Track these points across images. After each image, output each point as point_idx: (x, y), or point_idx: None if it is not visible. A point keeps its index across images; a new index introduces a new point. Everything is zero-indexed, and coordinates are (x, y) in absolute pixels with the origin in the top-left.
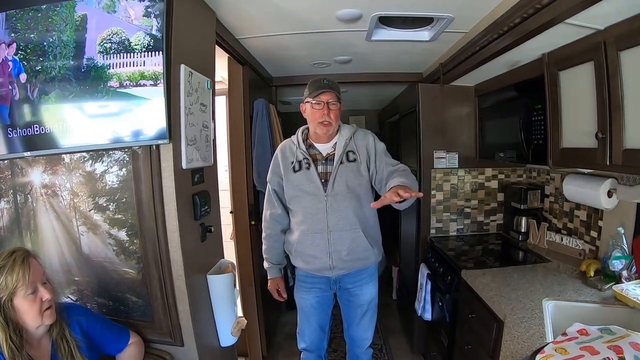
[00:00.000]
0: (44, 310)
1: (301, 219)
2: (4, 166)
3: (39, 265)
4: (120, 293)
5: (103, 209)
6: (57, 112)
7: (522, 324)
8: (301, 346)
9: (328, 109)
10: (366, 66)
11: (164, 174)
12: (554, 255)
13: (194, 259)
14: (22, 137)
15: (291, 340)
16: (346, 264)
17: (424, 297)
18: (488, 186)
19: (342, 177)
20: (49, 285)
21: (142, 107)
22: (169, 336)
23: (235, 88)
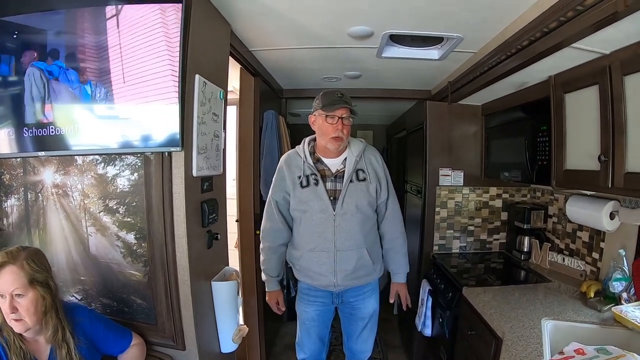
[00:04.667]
0: (11, 319)
1: (308, 236)
2: (17, 164)
3: (11, 277)
4: (125, 295)
5: (113, 211)
6: (73, 114)
7: (520, 342)
8: (300, 357)
9: (342, 124)
10: (376, 82)
11: (174, 181)
12: (555, 275)
13: (199, 265)
14: (37, 137)
15: (290, 351)
16: (350, 281)
17: (425, 312)
18: (492, 205)
19: (351, 197)
20: (25, 300)
21: (157, 115)
22: (172, 340)
23: (246, 99)
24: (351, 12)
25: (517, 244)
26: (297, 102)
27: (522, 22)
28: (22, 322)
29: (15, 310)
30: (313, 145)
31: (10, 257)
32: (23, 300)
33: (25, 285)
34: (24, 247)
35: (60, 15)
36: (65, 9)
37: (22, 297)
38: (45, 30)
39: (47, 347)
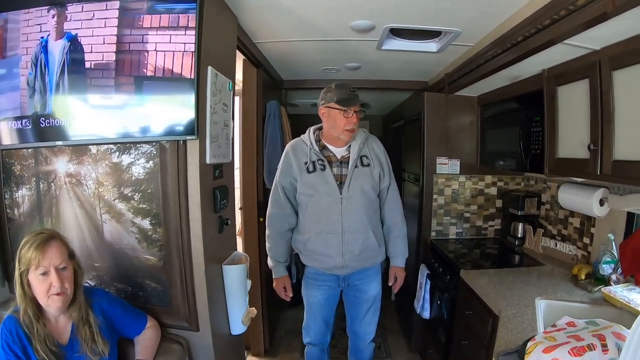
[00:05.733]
0: (51, 294)
1: (315, 219)
2: (28, 155)
3: (58, 251)
4: (139, 279)
5: (128, 198)
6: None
7: (515, 318)
8: (306, 340)
9: (356, 117)
10: (374, 73)
11: (189, 168)
12: (548, 259)
13: (211, 249)
14: (53, 127)
15: (291, 336)
16: (357, 262)
17: (423, 296)
18: (487, 192)
19: (357, 181)
20: (67, 273)
21: (174, 106)
22: (186, 321)
23: (249, 89)
24: (355, 6)
25: (512, 230)
26: (296, 92)
27: (517, 18)
28: (63, 295)
29: (62, 282)
30: (318, 133)
31: (51, 233)
32: (66, 272)
33: (66, 258)
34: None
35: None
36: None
37: (65, 270)
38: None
39: (68, 328)
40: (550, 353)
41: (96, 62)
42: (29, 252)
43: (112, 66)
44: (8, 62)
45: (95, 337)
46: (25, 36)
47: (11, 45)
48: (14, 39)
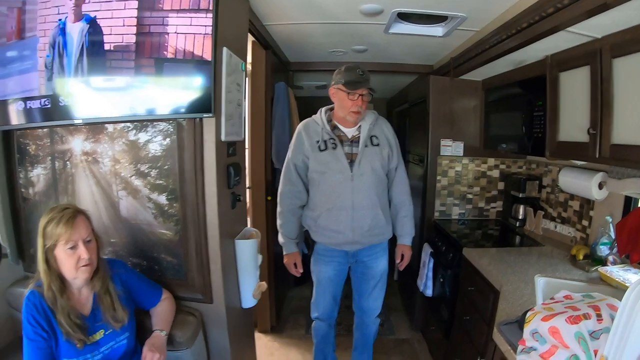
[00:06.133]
0: (80, 266)
1: (326, 196)
2: (43, 134)
3: (84, 225)
4: (155, 253)
5: (144, 175)
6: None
7: (516, 293)
8: (314, 315)
9: (362, 100)
10: (381, 56)
11: (205, 145)
12: (548, 241)
13: (225, 224)
14: (71, 107)
15: (297, 313)
16: (366, 238)
17: (427, 274)
18: (490, 175)
19: (367, 160)
20: (92, 245)
21: (192, 85)
22: (201, 293)
23: (258, 71)
24: None
25: (513, 212)
26: (303, 75)
27: (522, 5)
28: (90, 266)
29: (89, 255)
30: (330, 114)
31: (77, 208)
32: (91, 245)
33: (91, 232)
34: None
35: None
36: None
37: (90, 243)
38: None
39: (90, 298)
40: (549, 321)
41: (116, 44)
42: (57, 228)
43: (132, 48)
44: (26, 44)
45: (116, 306)
46: (42, 18)
47: (29, 27)
48: (32, 20)
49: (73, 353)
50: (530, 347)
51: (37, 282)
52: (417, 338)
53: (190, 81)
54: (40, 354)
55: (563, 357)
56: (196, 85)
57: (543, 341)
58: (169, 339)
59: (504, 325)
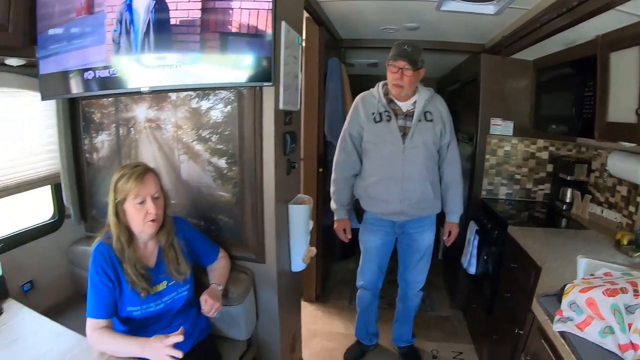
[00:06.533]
0: (147, 220)
1: (378, 166)
2: (108, 103)
3: (153, 182)
4: (213, 214)
5: (205, 140)
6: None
7: (557, 270)
8: (359, 283)
9: (402, 74)
10: (432, 34)
11: (264, 113)
12: (593, 225)
13: (280, 189)
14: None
15: (342, 285)
16: (414, 210)
17: (471, 251)
18: (539, 156)
19: (419, 134)
20: (160, 201)
21: (253, 56)
22: (254, 253)
23: (311, 46)
24: None
25: (560, 195)
26: (355, 52)
27: None
28: (156, 221)
29: (156, 210)
30: (386, 88)
31: (147, 166)
32: (158, 201)
33: (159, 189)
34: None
35: None
36: None
37: (158, 200)
38: None
39: (155, 252)
40: (586, 293)
41: (182, 19)
42: (128, 184)
43: (198, 23)
44: (94, 18)
45: (179, 260)
46: None
47: (97, 3)
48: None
49: (137, 301)
50: (567, 317)
51: (106, 235)
52: (457, 316)
53: (252, 53)
54: (103, 302)
55: (598, 327)
56: (257, 57)
57: (580, 312)
58: (222, 294)
59: (543, 297)
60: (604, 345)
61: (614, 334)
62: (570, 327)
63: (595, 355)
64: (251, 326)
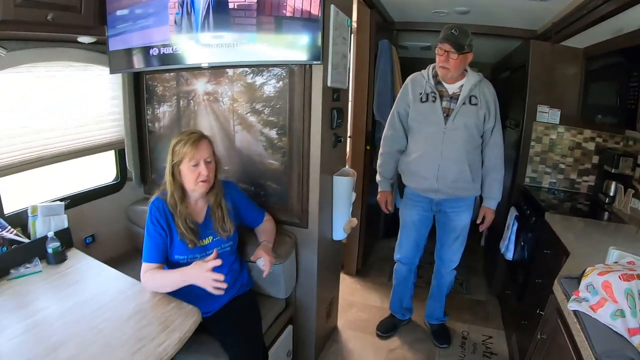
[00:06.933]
0: (199, 181)
1: (420, 144)
2: (170, 77)
3: (207, 148)
4: (262, 181)
5: (258, 112)
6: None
7: (586, 257)
8: (396, 257)
9: (447, 57)
10: (483, 18)
11: (313, 89)
12: (634, 221)
13: (325, 161)
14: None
15: (382, 262)
16: (449, 189)
17: (509, 237)
18: (585, 147)
19: (462, 116)
20: (212, 165)
21: (304, 36)
22: (298, 219)
23: (363, 28)
24: None
25: (604, 188)
26: (407, 35)
27: None
28: (207, 182)
29: (207, 173)
30: (435, 70)
31: (202, 133)
32: (210, 165)
33: (212, 154)
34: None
35: None
36: None
37: (210, 164)
38: None
39: (204, 209)
40: (603, 276)
41: (239, 3)
42: (185, 148)
43: (254, 7)
44: (159, 2)
45: (225, 219)
46: None
47: None
48: None
49: (184, 251)
50: (582, 297)
51: (162, 192)
52: (492, 302)
53: (303, 34)
54: (157, 249)
55: (610, 310)
56: (308, 38)
57: (595, 293)
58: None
59: (565, 279)
60: (613, 328)
61: (624, 318)
62: (585, 307)
63: (604, 336)
64: (290, 286)
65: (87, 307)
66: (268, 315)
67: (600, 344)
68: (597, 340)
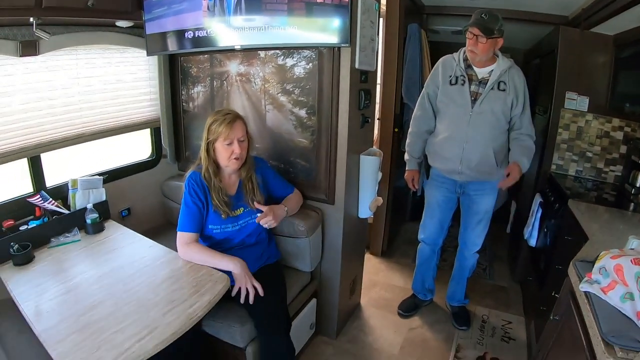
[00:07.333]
0: (232, 158)
1: (446, 126)
2: (204, 59)
3: (241, 127)
4: (292, 158)
5: (289, 92)
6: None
7: (604, 243)
8: (420, 237)
9: (476, 40)
10: (514, 3)
11: (342, 70)
12: None
13: (353, 140)
14: (230, 37)
15: (407, 244)
16: (473, 172)
17: (533, 223)
18: (613, 136)
19: (489, 101)
20: (244, 143)
21: (333, 20)
22: (325, 195)
23: (392, 12)
24: None
25: (631, 178)
26: (437, 19)
27: None
28: (239, 160)
29: (240, 151)
30: (467, 54)
31: (237, 114)
32: (243, 144)
33: (245, 134)
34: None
35: None
36: None
37: (242, 142)
38: None
39: (236, 183)
40: (616, 259)
41: None
42: (220, 127)
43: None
44: None
45: (256, 192)
46: None
47: None
48: None
49: (217, 221)
50: (594, 280)
51: (198, 166)
52: (514, 288)
53: (333, 18)
54: (193, 218)
55: (620, 292)
56: (337, 22)
57: (606, 275)
58: (293, 229)
59: (580, 262)
60: (622, 310)
61: (633, 301)
62: (596, 289)
63: (612, 318)
64: (316, 260)
65: (123, 272)
66: (293, 287)
67: (607, 325)
68: (606, 321)
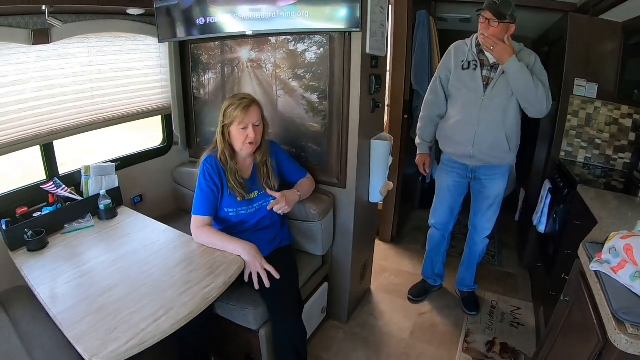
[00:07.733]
0: (247, 142)
1: (458, 110)
2: (214, 46)
3: (256, 112)
4: (304, 142)
5: (300, 77)
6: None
7: (613, 226)
8: (431, 222)
9: (488, 24)
10: None
11: (352, 55)
12: None
13: (364, 124)
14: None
15: (416, 231)
16: (484, 156)
17: (542, 209)
18: (622, 123)
19: (500, 85)
20: (259, 128)
21: (344, 5)
22: (336, 179)
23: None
24: None
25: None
26: (446, 6)
27: None
28: (254, 144)
29: (255, 135)
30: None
31: (253, 99)
32: (258, 129)
33: (260, 119)
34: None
35: None
36: None
37: (257, 127)
38: None
39: (251, 167)
40: (626, 239)
41: None
42: (235, 111)
43: None
44: None
45: (270, 175)
46: None
47: None
48: None
49: (233, 204)
50: (604, 260)
51: (213, 150)
52: (523, 275)
53: (343, 4)
54: (208, 202)
55: (630, 272)
56: (347, 7)
57: (616, 255)
58: (305, 213)
59: (589, 243)
60: (632, 289)
61: None
62: (606, 268)
63: (623, 296)
64: (328, 244)
65: (138, 255)
66: (305, 270)
67: (618, 303)
68: (616, 299)
